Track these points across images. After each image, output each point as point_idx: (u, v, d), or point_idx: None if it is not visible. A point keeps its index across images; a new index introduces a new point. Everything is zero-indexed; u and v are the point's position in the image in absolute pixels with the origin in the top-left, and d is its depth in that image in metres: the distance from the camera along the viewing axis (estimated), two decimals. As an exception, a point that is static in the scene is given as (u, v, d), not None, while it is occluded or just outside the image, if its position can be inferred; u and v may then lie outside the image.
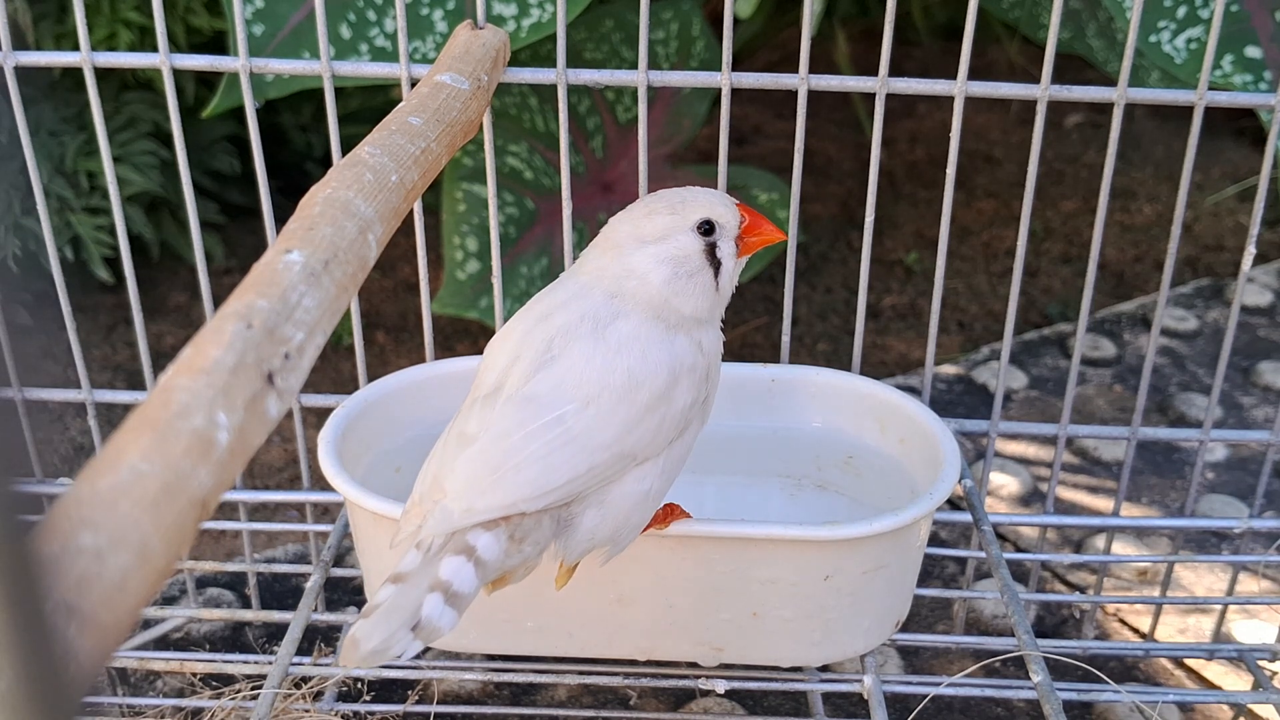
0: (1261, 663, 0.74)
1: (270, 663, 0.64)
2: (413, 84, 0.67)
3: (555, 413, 0.49)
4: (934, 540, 0.92)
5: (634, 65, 1.14)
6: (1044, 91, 0.65)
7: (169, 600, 0.86)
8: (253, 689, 0.69)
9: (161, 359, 1.12)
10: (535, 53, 1.10)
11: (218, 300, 0.44)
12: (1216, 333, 1.22)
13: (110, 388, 1.02)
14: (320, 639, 0.79)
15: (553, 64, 0.68)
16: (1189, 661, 0.82)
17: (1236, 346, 1.20)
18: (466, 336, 1.22)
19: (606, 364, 0.50)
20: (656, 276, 0.53)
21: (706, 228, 0.54)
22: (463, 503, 0.48)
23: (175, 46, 1.14)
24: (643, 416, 0.50)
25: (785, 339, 0.73)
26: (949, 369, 1.16)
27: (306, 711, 0.66)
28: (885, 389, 0.69)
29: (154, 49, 0.79)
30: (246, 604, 0.86)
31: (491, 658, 0.75)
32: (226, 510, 0.84)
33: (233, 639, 0.84)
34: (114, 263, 1.18)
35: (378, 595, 0.46)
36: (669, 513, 0.57)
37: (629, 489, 0.51)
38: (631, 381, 0.50)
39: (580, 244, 1.11)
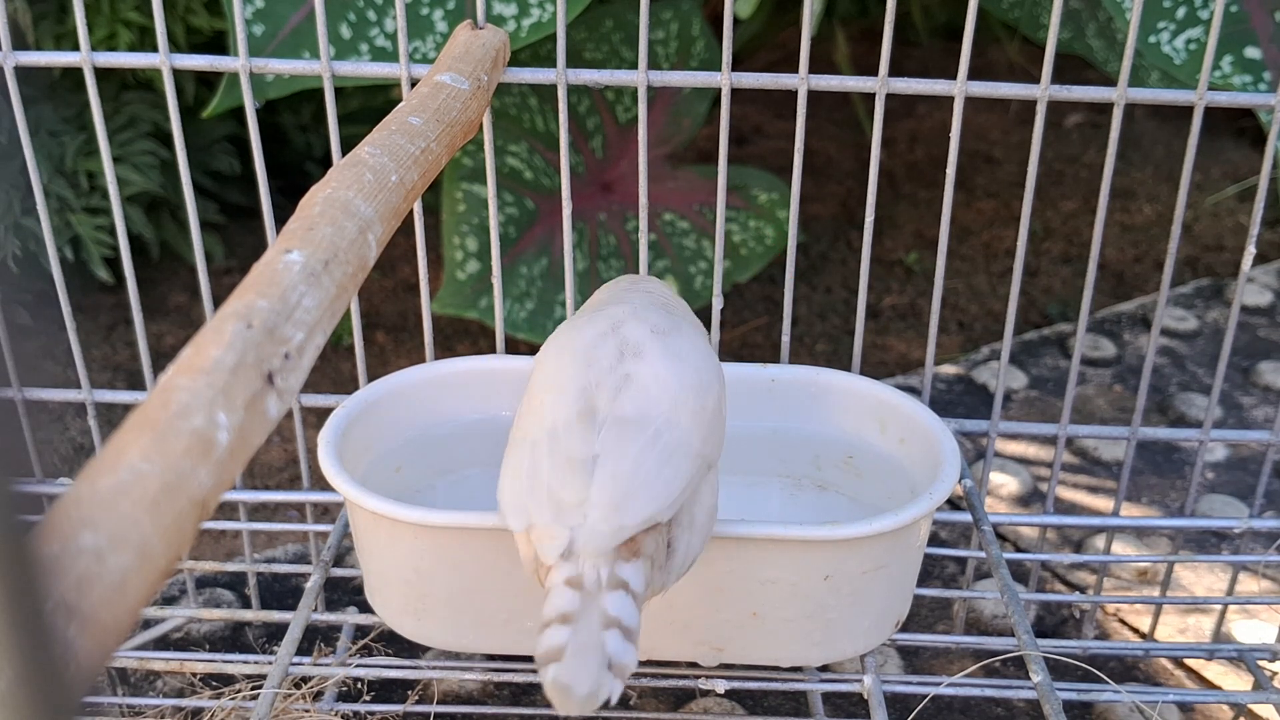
0: (1261, 663, 0.74)
1: (270, 663, 0.64)
2: (413, 84, 0.67)
3: (651, 429, 0.50)
4: (934, 540, 0.92)
5: (634, 65, 1.14)
6: (1044, 91, 0.65)
7: (169, 600, 0.86)
8: (253, 689, 0.69)
9: (161, 359, 1.12)
10: (535, 53, 1.10)
11: (218, 300, 0.44)
12: (1216, 333, 1.22)
13: (110, 388, 1.02)
14: (320, 639, 0.79)
15: (553, 64, 0.68)
16: (1189, 661, 0.82)
17: (1236, 346, 1.20)
18: (466, 336, 1.22)
19: (677, 377, 0.52)
20: None
21: None
22: (611, 523, 0.48)
23: (175, 46, 1.14)
24: (711, 422, 0.53)
25: (785, 339, 0.73)
26: (949, 369, 1.16)
27: (306, 711, 0.66)
28: (885, 389, 0.69)
29: (154, 49, 0.79)
30: (246, 604, 0.86)
31: (491, 658, 0.75)
32: (226, 510, 0.84)
33: (233, 639, 0.84)
34: (114, 263, 1.18)
35: (552, 636, 0.45)
36: None
37: (705, 502, 0.52)
38: (700, 390, 0.53)
39: (580, 244, 1.11)
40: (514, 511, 0.50)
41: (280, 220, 0.53)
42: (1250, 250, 0.67)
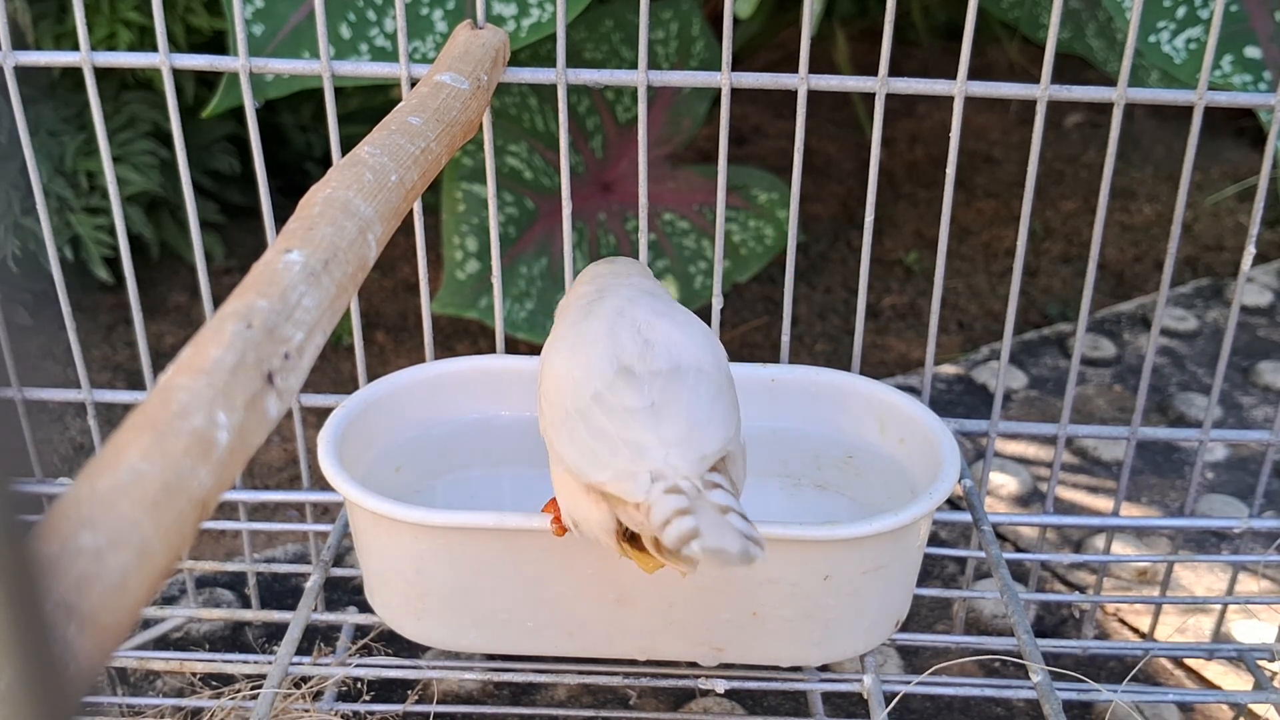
0: (1261, 663, 0.74)
1: (270, 663, 0.64)
2: (413, 84, 0.67)
3: (689, 377, 0.52)
4: (934, 540, 0.92)
5: (634, 65, 1.14)
6: (1044, 91, 0.65)
7: (169, 600, 0.86)
8: (252, 689, 0.69)
9: (161, 359, 1.12)
10: (535, 53, 1.10)
11: (218, 300, 0.44)
12: (1216, 333, 1.22)
13: (110, 388, 1.02)
14: (320, 639, 0.79)
15: (553, 64, 0.68)
16: (1189, 661, 0.82)
17: (1236, 346, 1.20)
18: (466, 336, 1.22)
19: (690, 339, 0.55)
20: None
21: None
22: (693, 454, 0.49)
23: (175, 46, 1.14)
24: (728, 374, 0.55)
25: (785, 339, 0.73)
26: (949, 369, 1.16)
27: (306, 711, 0.66)
28: (885, 389, 0.69)
29: (154, 49, 0.79)
30: (246, 604, 0.86)
31: (491, 658, 0.75)
32: (226, 510, 0.84)
33: (232, 639, 0.84)
34: (114, 263, 1.18)
35: (680, 525, 0.45)
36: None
37: (742, 443, 0.54)
38: (712, 349, 0.55)
39: (580, 244, 1.11)
40: (592, 467, 0.50)
41: (280, 220, 0.53)
42: (1250, 250, 0.67)
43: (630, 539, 0.52)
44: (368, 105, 1.29)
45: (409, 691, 0.75)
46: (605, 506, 0.51)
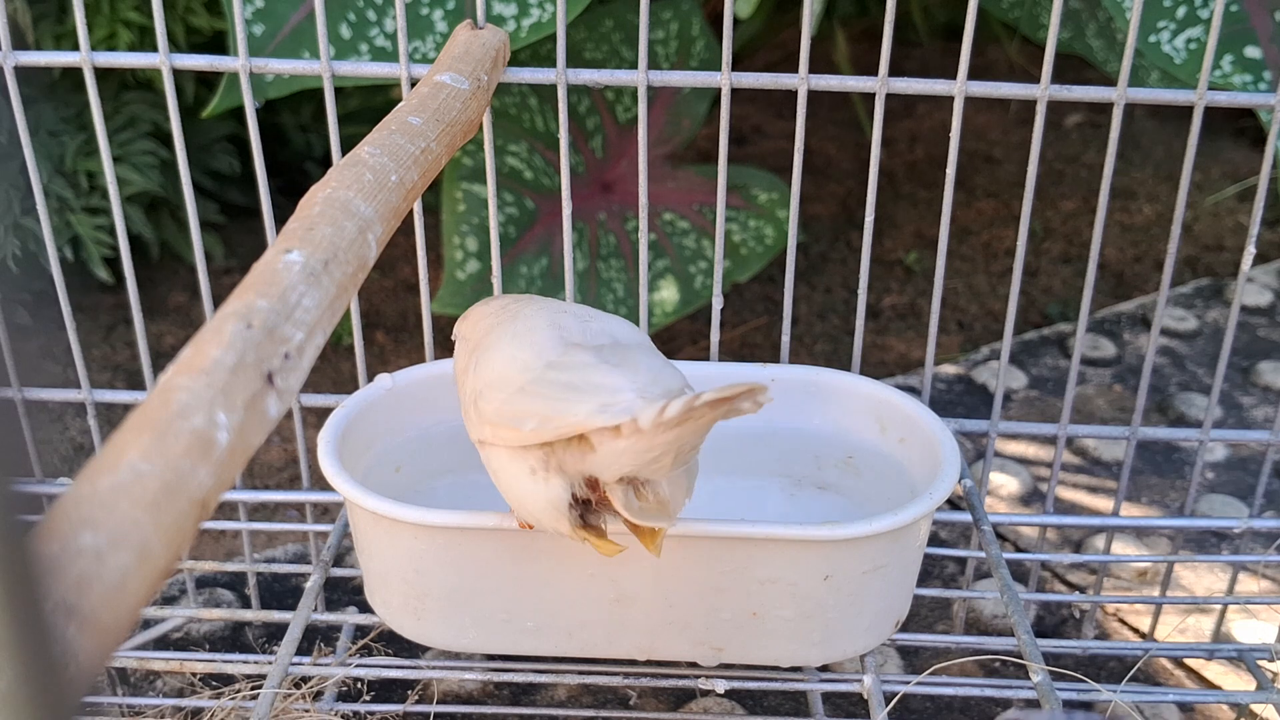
0: (1261, 663, 0.74)
1: (270, 663, 0.64)
2: (413, 84, 0.67)
3: (635, 348, 0.53)
4: (934, 540, 0.92)
5: (634, 65, 1.14)
6: (1044, 91, 0.65)
7: (169, 600, 0.86)
8: (253, 689, 0.69)
9: (161, 359, 1.12)
10: (535, 53, 1.10)
11: (218, 300, 0.44)
12: (1216, 333, 1.22)
13: (110, 388, 1.02)
14: (320, 639, 0.79)
15: (553, 64, 0.68)
16: (1189, 661, 0.82)
17: (1236, 346, 1.20)
18: (466, 336, 1.22)
19: (628, 329, 0.56)
20: None
21: None
22: (661, 389, 0.50)
23: (175, 46, 1.14)
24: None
25: (785, 339, 0.73)
26: (949, 369, 1.16)
27: (306, 711, 0.66)
28: (885, 389, 0.69)
29: (154, 49, 0.79)
30: (246, 604, 0.86)
31: (491, 658, 0.75)
32: (226, 510, 0.84)
33: (233, 639, 0.84)
34: (114, 263, 1.18)
35: (678, 401, 0.46)
36: None
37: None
38: (648, 343, 0.56)
39: (580, 244, 1.11)
40: (568, 409, 0.49)
41: (280, 220, 0.53)
42: (1250, 250, 0.67)
43: (585, 525, 0.52)
44: (368, 105, 1.29)
45: (409, 691, 0.75)
46: (557, 480, 0.50)
